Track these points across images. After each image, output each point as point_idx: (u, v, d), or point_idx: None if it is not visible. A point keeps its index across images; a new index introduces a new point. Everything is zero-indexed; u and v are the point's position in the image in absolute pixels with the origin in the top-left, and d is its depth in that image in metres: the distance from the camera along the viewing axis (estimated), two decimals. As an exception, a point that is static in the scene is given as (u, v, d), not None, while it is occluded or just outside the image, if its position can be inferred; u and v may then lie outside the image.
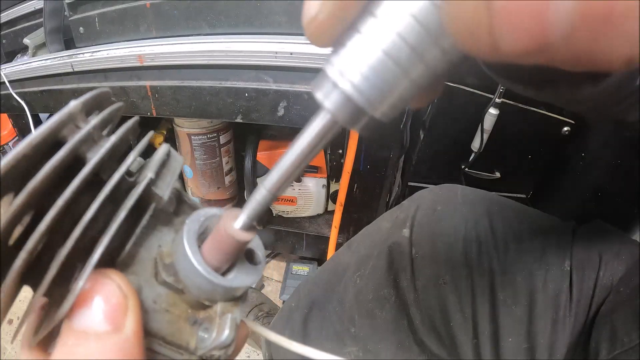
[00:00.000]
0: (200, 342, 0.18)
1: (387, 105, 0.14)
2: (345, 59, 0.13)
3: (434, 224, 0.49)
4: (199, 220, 0.18)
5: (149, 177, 0.16)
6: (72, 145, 0.14)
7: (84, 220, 0.14)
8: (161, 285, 0.17)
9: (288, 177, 0.16)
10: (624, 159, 0.68)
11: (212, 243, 0.17)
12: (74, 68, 0.78)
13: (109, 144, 0.15)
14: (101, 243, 0.14)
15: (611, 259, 0.44)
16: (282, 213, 1.03)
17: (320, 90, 0.14)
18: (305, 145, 0.15)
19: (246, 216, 0.17)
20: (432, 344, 0.47)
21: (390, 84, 0.13)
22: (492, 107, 0.65)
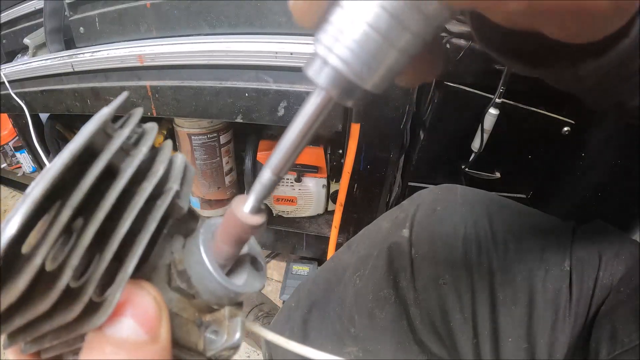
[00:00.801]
0: (209, 344, 0.18)
1: (378, 77, 0.14)
2: (332, 35, 0.14)
3: (434, 224, 0.49)
4: (212, 230, 0.19)
5: (174, 190, 0.17)
6: (109, 157, 0.14)
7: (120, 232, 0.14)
8: (173, 291, 0.18)
9: (290, 157, 0.16)
10: (624, 159, 0.68)
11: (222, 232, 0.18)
12: (74, 68, 0.78)
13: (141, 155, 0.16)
14: (135, 253, 0.14)
15: (611, 259, 0.43)
16: (282, 213, 1.03)
17: (312, 68, 0.15)
18: (303, 124, 0.16)
19: (254, 199, 0.17)
20: (432, 344, 0.47)
21: (377, 56, 0.13)
22: (492, 107, 0.65)
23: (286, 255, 1.19)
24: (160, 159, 0.17)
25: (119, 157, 0.15)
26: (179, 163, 0.18)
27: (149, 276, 0.17)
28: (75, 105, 0.83)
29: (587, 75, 0.21)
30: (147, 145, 0.17)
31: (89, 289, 0.13)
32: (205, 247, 0.18)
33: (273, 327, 0.58)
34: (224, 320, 0.19)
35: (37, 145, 1.01)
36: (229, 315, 0.19)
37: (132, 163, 0.15)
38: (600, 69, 0.20)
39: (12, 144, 1.41)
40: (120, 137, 0.15)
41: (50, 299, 0.13)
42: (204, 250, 0.17)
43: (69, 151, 0.13)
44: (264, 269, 0.21)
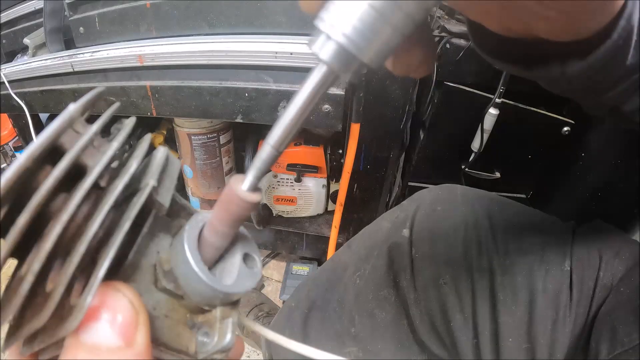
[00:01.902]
0: (201, 346, 0.18)
1: (375, 51, 0.16)
2: (335, 13, 0.15)
3: (434, 224, 0.49)
4: (198, 225, 0.18)
5: (151, 185, 0.16)
6: (74, 155, 0.14)
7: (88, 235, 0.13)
8: (160, 292, 0.17)
9: (290, 130, 0.17)
10: (624, 159, 0.68)
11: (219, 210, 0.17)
12: (74, 68, 0.78)
13: (111, 151, 0.15)
14: (107, 256, 0.14)
15: (611, 259, 0.43)
16: (282, 213, 1.03)
17: (315, 44, 0.16)
18: (305, 98, 0.16)
19: (252, 176, 0.17)
20: (432, 344, 0.47)
21: (375, 31, 0.15)
22: (492, 107, 0.65)
23: (286, 255, 1.19)
24: (135, 154, 0.17)
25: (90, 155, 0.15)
26: (159, 157, 0.18)
27: (131, 277, 0.16)
28: (75, 105, 0.83)
29: (575, 76, 0.22)
30: (119, 140, 0.16)
31: (57, 293, 0.13)
32: (191, 245, 0.17)
33: (273, 327, 0.58)
34: (216, 322, 0.18)
35: (37, 145, 1.00)
36: (221, 317, 0.18)
37: (102, 160, 0.15)
38: (586, 69, 0.21)
39: (12, 144, 1.41)
40: (88, 133, 0.15)
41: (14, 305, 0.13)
42: (189, 249, 0.17)
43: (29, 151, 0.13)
44: (258, 266, 0.20)
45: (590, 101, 0.27)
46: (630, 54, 0.21)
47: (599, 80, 0.23)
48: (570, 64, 0.22)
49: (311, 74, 0.16)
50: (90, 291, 0.13)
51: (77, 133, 0.15)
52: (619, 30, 0.20)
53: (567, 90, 0.26)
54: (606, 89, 0.24)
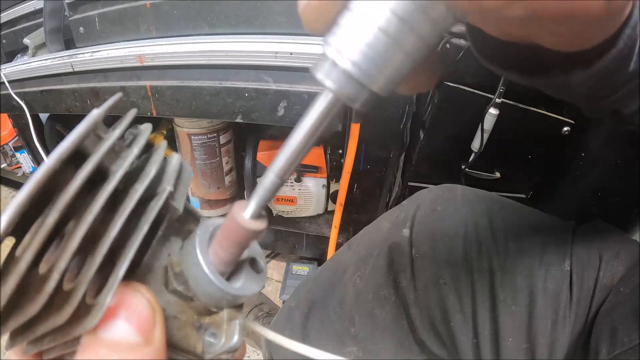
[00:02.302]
0: (208, 347, 0.18)
1: (385, 79, 0.14)
2: (342, 37, 0.14)
3: (434, 224, 0.49)
4: (208, 230, 0.18)
5: (168, 190, 0.16)
6: (98, 159, 0.14)
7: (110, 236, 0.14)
8: (170, 294, 0.18)
9: (295, 159, 0.16)
10: (624, 159, 0.68)
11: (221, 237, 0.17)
12: (74, 68, 0.78)
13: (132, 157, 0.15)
14: (126, 257, 0.14)
15: (611, 259, 0.43)
16: (282, 213, 1.03)
17: (320, 71, 0.15)
18: (309, 126, 0.16)
19: (255, 204, 0.17)
20: (432, 344, 0.47)
21: (386, 58, 0.14)
22: (492, 107, 0.65)
23: (286, 255, 1.19)
24: (154, 159, 0.17)
25: (110, 159, 0.15)
26: (174, 163, 0.18)
27: (144, 278, 0.17)
28: (75, 105, 0.83)
29: (578, 84, 0.22)
30: (139, 146, 0.16)
31: (79, 292, 0.13)
32: (202, 249, 0.17)
33: (273, 327, 0.58)
34: (223, 323, 0.19)
35: (37, 146, 1.01)
36: (228, 318, 0.19)
37: (123, 164, 0.15)
38: (589, 78, 0.21)
39: (12, 144, 1.41)
40: (111, 139, 0.15)
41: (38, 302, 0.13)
42: (201, 253, 0.17)
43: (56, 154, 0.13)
44: (264, 271, 0.20)
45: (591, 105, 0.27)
46: (633, 60, 0.21)
47: (602, 87, 0.23)
48: (574, 73, 0.21)
49: (316, 101, 0.16)
50: (111, 290, 0.14)
51: (98, 137, 0.15)
52: (624, 38, 0.19)
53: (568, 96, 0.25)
54: (608, 95, 0.24)
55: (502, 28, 0.19)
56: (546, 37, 0.18)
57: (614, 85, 0.23)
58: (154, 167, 0.16)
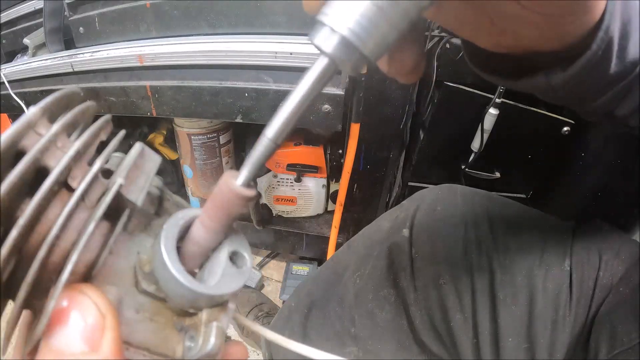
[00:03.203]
0: (186, 351, 0.17)
1: (374, 44, 0.16)
2: (339, 8, 0.16)
3: (434, 224, 0.49)
4: (178, 224, 0.17)
5: (118, 184, 0.15)
6: (31, 157, 0.13)
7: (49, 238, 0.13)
8: (143, 295, 0.17)
9: (289, 122, 0.17)
10: (624, 159, 0.68)
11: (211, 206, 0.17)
12: (74, 68, 0.78)
13: (72, 151, 0.14)
14: (70, 259, 0.13)
15: (611, 259, 0.43)
16: (282, 213, 1.03)
17: (318, 37, 0.16)
18: (306, 89, 0.17)
19: (248, 170, 0.17)
20: (432, 344, 0.47)
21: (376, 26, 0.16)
22: (492, 107, 0.65)
23: (286, 255, 1.19)
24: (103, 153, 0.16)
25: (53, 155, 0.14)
26: (131, 154, 0.17)
27: (110, 280, 0.16)
28: (75, 105, 0.83)
29: (559, 86, 0.24)
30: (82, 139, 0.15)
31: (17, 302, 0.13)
32: (168, 245, 0.16)
33: (273, 327, 0.58)
34: (201, 325, 0.17)
35: (37, 145, 1.00)
36: (206, 320, 0.18)
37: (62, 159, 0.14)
38: (568, 80, 0.23)
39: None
40: (49, 133, 0.14)
41: None
42: (166, 250, 0.16)
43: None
44: (248, 265, 0.19)
45: (583, 108, 0.28)
46: (613, 62, 0.23)
47: (584, 89, 0.24)
48: (554, 75, 0.23)
49: (312, 66, 0.17)
50: (54, 296, 0.13)
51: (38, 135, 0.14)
52: (597, 41, 0.21)
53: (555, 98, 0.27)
54: (593, 97, 0.26)
55: (490, 38, 0.22)
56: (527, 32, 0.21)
57: (597, 87, 0.24)
58: (99, 161, 0.15)
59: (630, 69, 0.24)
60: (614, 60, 0.23)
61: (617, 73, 0.23)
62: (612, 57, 0.22)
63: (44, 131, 0.14)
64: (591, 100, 0.26)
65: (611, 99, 0.25)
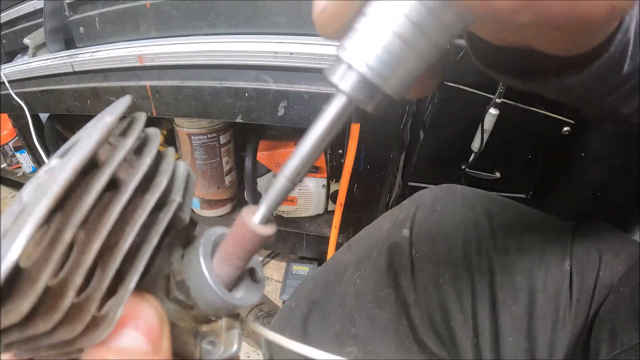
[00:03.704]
0: (206, 354, 0.18)
1: (398, 81, 0.15)
2: (358, 41, 0.15)
3: (434, 224, 0.49)
4: (211, 240, 0.18)
5: (177, 202, 0.16)
6: (112, 171, 0.14)
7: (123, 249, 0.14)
8: (171, 302, 0.18)
9: (307, 162, 0.16)
10: (624, 159, 0.68)
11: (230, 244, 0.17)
12: (74, 68, 0.78)
13: (145, 167, 0.15)
14: (137, 268, 0.14)
15: (611, 259, 0.43)
16: (282, 213, 1.03)
17: (335, 74, 0.15)
18: (323, 129, 0.16)
19: (265, 208, 0.17)
20: (432, 344, 0.47)
21: (399, 61, 0.14)
22: (492, 107, 0.65)
23: (286, 255, 1.19)
24: (163, 169, 0.17)
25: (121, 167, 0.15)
26: (182, 172, 0.18)
27: (148, 287, 0.17)
28: (75, 105, 0.83)
29: (571, 88, 0.22)
30: (151, 156, 0.16)
31: (91, 307, 0.13)
32: (205, 259, 0.17)
33: (273, 327, 0.58)
34: (222, 332, 0.19)
35: (37, 145, 1.01)
36: (226, 327, 0.19)
37: (135, 176, 0.15)
38: (581, 82, 0.22)
39: (12, 144, 1.41)
40: (124, 148, 0.15)
41: (52, 320, 0.13)
42: (204, 263, 0.17)
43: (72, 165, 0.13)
44: (262, 281, 0.20)
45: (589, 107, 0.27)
46: (627, 62, 0.22)
47: (597, 89, 0.23)
48: (567, 77, 0.22)
49: (330, 104, 0.16)
50: (122, 303, 0.14)
51: (109, 144, 0.15)
52: (615, 43, 0.20)
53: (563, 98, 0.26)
54: (603, 97, 0.25)
55: (500, 35, 0.20)
56: (543, 43, 0.19)
57: (609, 87, 0.24)
58: (165, 178, 0.16)
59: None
60: (628, 61, 0.22)
61: (629, 73, 0.22)
62: (627, 57, 0.21)
63: (113, 141, 0.15)
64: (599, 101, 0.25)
65: (619, 98, 0.25)
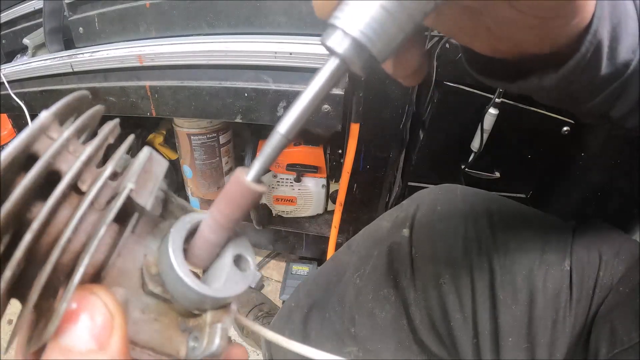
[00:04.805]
0: (190, 352, 0.18)
1: (383, 45, 0.17)
2: (350, 12, 0.17)
3: (434, 224, 0.49)
4: (185, 227, 0.18)
5: (128, 188, 0.15)
6: (44, 162, 0.14)
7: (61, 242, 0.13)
8: (149, 296, 0.17)
9: (302, 118, 0.18)
10: (624, 159, 0.68)
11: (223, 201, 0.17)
12: (74, 68, 0.78)
13: (84, 156, 0.15)
14: (82, 262, 0.14)
15: (611, 259, 0.43)
16: (282, 213, 1.03)
17: (330, 39, 0.17)
18: (318, 88, 0.18)
19: (259, 165, 0.18)
20: (432, 344, 0.47)
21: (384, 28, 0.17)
22: (492, 107, 0.65)
23: (286, 255, 1.19)
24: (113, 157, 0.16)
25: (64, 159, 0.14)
26: (140, 158, 0.17)
27: (117, 281, 0.16)
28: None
29: (552, 87, 0.25)
30: (94, 144, 0.15)
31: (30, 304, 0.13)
32: (176, 248, 0.17)
33: (273, 327, 0.58)
34: (205, 326, 0.18)
35: (36, 146, 1.00)
36: (211, 321, 0.18)
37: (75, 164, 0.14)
38: (559, 81, 0.24)
39: (12, 144, 1.41)
40: (60, 139, 0.14)
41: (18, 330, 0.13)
42: (174, 253, 0.16)
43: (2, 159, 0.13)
44: (251, 268, 0.19)
45: (578, 109, 0.29)
46: (604, 64, 0.24)
47: (576, 89, 0.25)
48: (546, 77, 0.24)
49: (325, 66, 0.18)
50: (66, 297, 0.13)
51: (50, 139, 0.14)
52: (586, 44, 0.22)
53: (549, 99, 0.28)
54: (587, 98, 0.26)
55: (489, 44, 0.24)
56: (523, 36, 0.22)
57: (591, 88, 0.25)
58: (110, 165, 0.16)
59: (622, 70, 0.24)
60: (605, 62, 0.24)
61: (609, 74, 0.24)
62: (602, 59, 0.23)
63: (55, 135, 0.15)
64: (585, 102, 0.27)
65: (604, 100, 0.26)
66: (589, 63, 0.23)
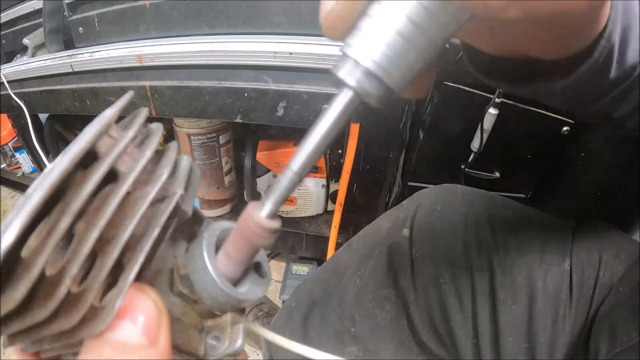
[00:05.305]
0: (211, 350, 0.18)
1: (400, 75, 0.16)
2: (364, 39, 0.16)
3: (434, 224, 0.49)
4: (215, 234, 0.18)
5: (179, 194, 0.16)
6: (111, 161, 0.14)
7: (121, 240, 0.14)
8: (175, 296, 0.18)
9: (314, 156, 0.17)
10: (623, 159, 0.68)
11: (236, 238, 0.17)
12: (74, 68, 0.78)
13: (144, 159, 0.15)
14: (137, 260, 0.14)
15: (611, 259, 0.43)
16: (282, 213, 1.03)
17: (342, 70, 0.16)
18: (330, 123, 0.17)
19: (272, 203, 0.17)
20: (432, 344, 0.47)
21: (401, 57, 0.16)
22: (492, 107, 0.65)
23: (286, 255, 1.19)
24: (165, 162, 0.17)
25: (121, 160, 0.15)
26: (184, 165, 0.18)
27: (151, 280, 0.17)
28: (74, 105, 0.83)
29: (559, 92, 0.24)
30: (151, 148, 0.16)
31: (89, 297, 0.13)
32: (210, 253, 0.17)
33: (273, 327, 0.58)
34: (226, 327, 0.19)
35: (36, 146, 1.00)
36: (231, 322, 0.19)
37: (135, 167, 0.15)
38: (568, 86, 0.23)
39: (12, 144, 1.41)
40: (124, 141, 0.15)
41: (48, 308, 0.13)
42: (208, 256, 0.17)
43: (69, 155, 0.13)
44: (268, 275, 0.20)
45: (581, 110, 0.28)
46: (613, 68, 0.23)
47: (584, 93, 0.24)
48: (554, 81, 0.23)
49: (336, 99, 0.16)
50: (121, 294, 0.14)
51: (110, 137, 0.15)
52: (599, 49, 0.21)
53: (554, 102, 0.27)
54: (593, 101, 0.26)
55: (491, 44, 0.23)
56: (535, 46, 0.21)
57: (599, 92, 0.25)
58: (166, 170, 0.16)
59: (630, 72, 0.24)
60: (614, 65, 0.23)
61: (617, 77, 0.23)
62: (613, 62, 0.22)
63: (115, 134, 0.15)
64: (590, 104, 0.26)
65: (610, 102, 0.25)
66: (600, 68, 0.22)
